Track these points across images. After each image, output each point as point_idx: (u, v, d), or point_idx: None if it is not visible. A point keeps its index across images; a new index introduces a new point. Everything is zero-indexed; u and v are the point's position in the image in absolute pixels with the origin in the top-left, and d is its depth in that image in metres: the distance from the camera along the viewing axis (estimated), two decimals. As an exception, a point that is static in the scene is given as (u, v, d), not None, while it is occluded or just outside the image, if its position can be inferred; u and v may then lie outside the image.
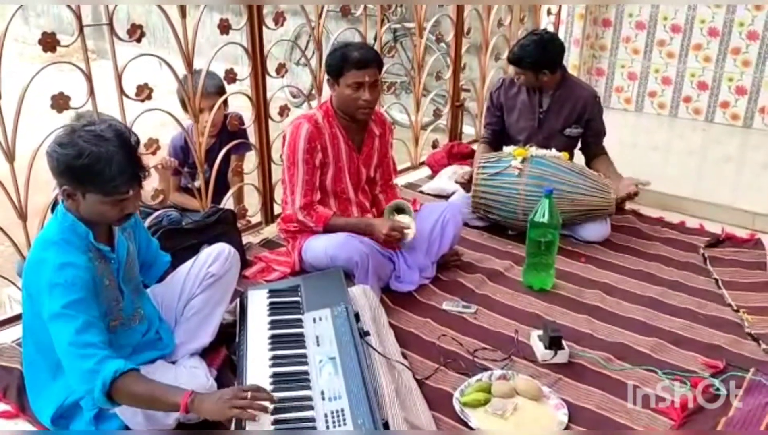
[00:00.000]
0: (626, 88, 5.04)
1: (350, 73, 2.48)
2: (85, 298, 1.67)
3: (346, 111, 2.60)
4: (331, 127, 2.62)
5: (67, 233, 1.73)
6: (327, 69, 2.57)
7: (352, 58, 2.48)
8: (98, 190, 1.66)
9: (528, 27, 4.55)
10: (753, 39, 4.47)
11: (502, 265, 2.89)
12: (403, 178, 3.89)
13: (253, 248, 2.97)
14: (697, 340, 2.37)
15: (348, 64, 2.48)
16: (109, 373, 1.60)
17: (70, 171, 1.64)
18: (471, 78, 4.27)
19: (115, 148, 1.64)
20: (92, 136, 1.65)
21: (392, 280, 2.66)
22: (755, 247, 3.10)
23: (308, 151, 2.56)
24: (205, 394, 1.68)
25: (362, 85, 2.51)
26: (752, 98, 4.58)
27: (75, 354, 1.63)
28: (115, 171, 1.63)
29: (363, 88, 2.51)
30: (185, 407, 1.60)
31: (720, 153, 4.42)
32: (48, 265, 1.68)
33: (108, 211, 1.71)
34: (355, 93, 2.51)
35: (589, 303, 2.62)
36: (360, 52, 2.53)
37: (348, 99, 2.54)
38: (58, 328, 1.65)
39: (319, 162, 2.60)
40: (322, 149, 2.60)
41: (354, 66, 2.48)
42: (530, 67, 3.14)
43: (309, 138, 2.55)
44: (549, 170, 3.03)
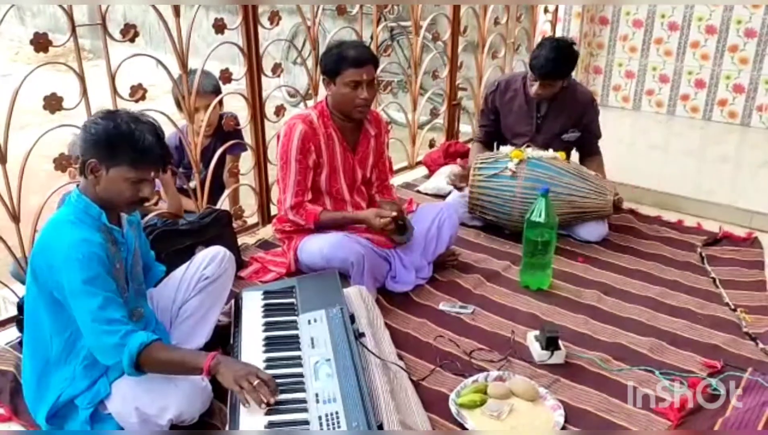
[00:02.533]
0: (624, 87, 5.03)
1: (348, 71, 2.47)
2: (102, 274, 1.71)
3: (343, 110, 2.59)
4: (326, 127, 2.61)
5: (81, 214, 1.77)
6: (323, 69, 2.55)
7: (349, 56, 2.47)
8: (126, 161, 1.72)
9: (525, 26, 4.55)
10: (751, 36, 4.46)
11: (500, 266, 2.88)
12: (400, 178, 3.88)
13: (250, 249, 2.96)
14: (695, 340, 2.36)
15: (345, 63, 2.47)
16: (135, 346, 1.68)
17: (106, 139, 1.71)
18: (468, 76, 4.25)
19: (149, 129, 1.75)
20: (130, 117, 1.75)
21: (388, 280, 2.64)
22: (753, 245, 3.09)
23: (301, 152, 2.54)
24: (228, 359, 1.79)
25: (360, 84, 2.50)
26: (750, 96, 4.57)
27: (100, 330, 1.69)
28: (147, 146, 1.72)
29: (360, 87, 2.50)
30: (208, 370, 1.71)
31: (718, 151, 4.41)
32: (64, 241, 1.71)
33: (126, 190, 1.75)
34: (352, 92, 2.50)
35: (586, 303, 2.61)
36: (356, 50, 2.52)
37: (345, 98, 2.52)
38: (80, 305, 1.69)
39: (312, 163, 2.59)
40: (317, 150, 2.58)
41: (351, 65, 2.47)
42: (560, 78, 3.12)
43: (303, 138, 2.54)
44: (546, 172, 3.01)
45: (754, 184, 3.78)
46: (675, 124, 4.81)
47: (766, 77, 4.48)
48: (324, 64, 2.54)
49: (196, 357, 1.76)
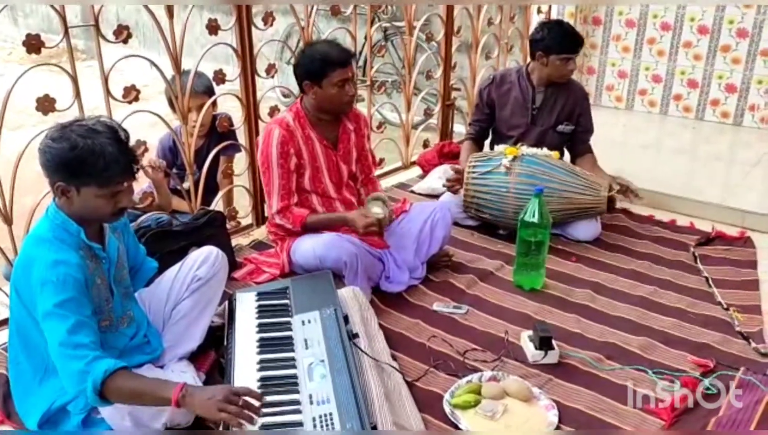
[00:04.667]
0: (617, 86, 5.05)
1: (335, 72, 2.50)
2: (76, 297, 1.67)
3: (332, 109, 2.61)
4: (303, 128, 2.62)
5: (59, 231, 1.73)
6: (305, 74, 2.55)
7: (334, 58, 2.50)
8: (93, 181, 1.67)
9: (519, 26, 4.55)
10: (742, 37, 4.48)
11: (493, 265, 2.89)
12: (394, 178, 3.89)
13: (244, 250, 2.96)
14: (687, 339, 2.38)
15: (331, 65, 2.49)
16: (99, 374, 1.61)
17: (65, 165, 1.65)
18: (462, 76, 4.26)
19: (107, 139, 1.67)
20: (84, 129, 1.67)
21: (382, 280, 2.65)
22: (745, 245, 3.11)
23: (282, 156, 2.56)
24: (197, 388, 1.68)
25: (347, 81, 2.53)
26: (742, 96, 4.59)
27: (66, 355, 1.64)
28: (110, 161, 1.66)
29: (348, 84, 2.54)
30: (176, 402, 1.60)
31: (710, 151, 4.43)
32: (40, 262, 1.68)
33: (102, 206, 1.72)
34: (341, 90, 2.53)
35: (579, 302, 2.62)
36: (337, 49, 2.56)
37: (335, 97, 2.55)
38: (50, 328, 1.65)
39: (294, 165, 2.60)
40: (296, 152, 2.59)
41: (338, 65, 2.50)
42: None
43: (281, 142, 2.55)
44: (540, 168, 3.02)
45: (747, 183, 3.80)
46: (668, 124, 4.83)
47: (758, 77, 4.50)
48: (306, 70, 2.54)
49: (163, 387, 1.64)
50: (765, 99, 4.51)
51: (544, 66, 3.21)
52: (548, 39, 3.15)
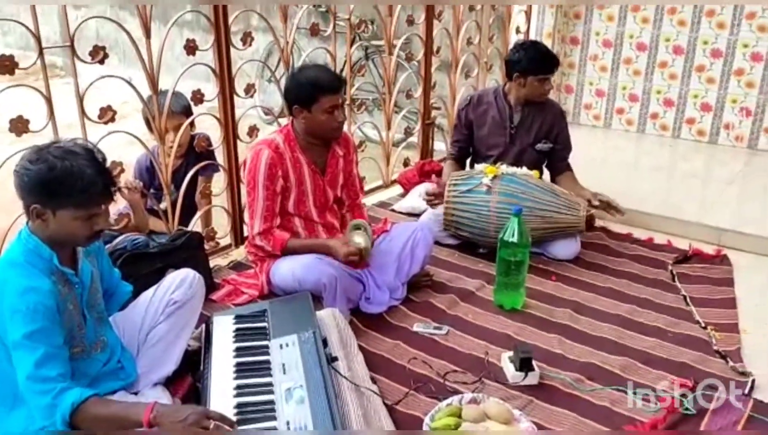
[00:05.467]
0: (595, 105, 5.11)
1: (325, 98, 2.49)
2: (47, 327, 1.65)
3: (321, 135, 2.61)
4: (292, 151, 2.60)
5: (31, 256, 1.70)
6: (295, 99, 2.54)
7: (324, 84, 2.50)
8: (71, 203, 1.66)
9: (498, 45, 4.59)
10: (716, 57, 4.56)
11: (474, 285, 2.89)
12: (374, 197, 3.88)
13: (222, 271, 2.93)
14: (666, 359, 2.38)
15: (321, 91, 2.49)
16: (66, 407, 1.59)
17: (42, 186, 1.64)
18: (442, 95, 4.28)
19: (85, 161, 1.66)
20: (61, 151, 1.66)
21: (362, 301, 2.63)
22: (722, 263, 3.13)
23: (269, 178, 2.54)
24: (169, 409, 1.67)
25: (336, 108, 2.53)
26: (717, 114, 4.66)
27: (33, 389, 1.63)
28: (88, 183, 1.65)
29: (338, 110, 2.54)
30: (148, 423, 1.60)
31: (687, 169, 4.49)
32: (10, 288, 1.65)
33: (79, 228, 1.70)
34: (330, 116, 2.53)
35: (560, 322, 2.62)
36: (328, 75, 2.56)
37: (324, 123, 2.54)
38: (19, 359, 1.64)
39: (280, 187, 2.58)
40: (284, 175, 2.58)
41: (328, 91, 2.50)
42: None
43: (270, 164, 2.53)
44: (520, 187, 3.04)
45: (723, 201, 3.84)
46: (645, 142, 4.89)
47: (732, 96, 4.58)
48: (295, 95, 2.53)
49: (134, 410, 1.65)
50: (739, 118, 4.58)
51: (521, 86, 3.24)
52: (525, 60, 3.19)
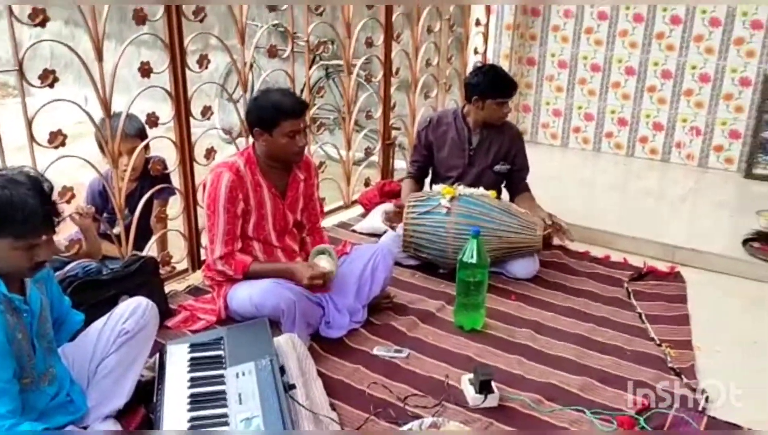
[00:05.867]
0: (552, 124, 5.20)
1: (287, 122, 2.48)
2: None
3: (282, 158, 2.59)
4: (253, 174, 2.58)
5: None
6: (257, 121, 2.52)
7: (286, 108, 2.49)
8: (10, 233, 1.61)
9: (456, 66, 4.65)
10: (667, 78, 4.70)
11: (435, 306, 2.89)
12: (335, 218, 3.87)
13: (178, 296, 2.87)
14: (623, 377, 2.40)
15: (283, 115, 2.48)
16: None
17: None
18: (402, 114, 4.30)
19: (27, 191, 1.62)
20: (4, 180, 1.62)
21: (322, 326, 2.60)
22: (676, 280, 3.20)
23: (229, 201, 2.51)
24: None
25: (298, 132, 2.52)
26: (669, 133, 4.79)
27: None
28: (29, 213, 1.60)
29: (299, 135, 2.53)
30: None
31: (641, 187, 4.59)
32: None
33: (19, 259, 1.65)
34: (291, 141, 2.52)
35: (519, 342, 2.63)
36: (290, 100, 2.55)
37: (285, 147, 2.53)
38: None
39: (240, 211, 2.55)
40: (244, 198, 2.55)
41: (290, 115, 2.49)
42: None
43: (230, 187, 2.50)
44: (477, 208, 3.06)
45: (676, 218, 3.94)
46: (601, 160, 4.99)
47: (682, 116, 4.72)
48: (257, 118, 2.51)
49: None
50: (690, 137, 4.72)
51: (480, 109, 3.29)
52: (483, 84, 3.24)
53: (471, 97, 3.30)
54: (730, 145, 4.62)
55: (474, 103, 3.29)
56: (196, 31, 2.85)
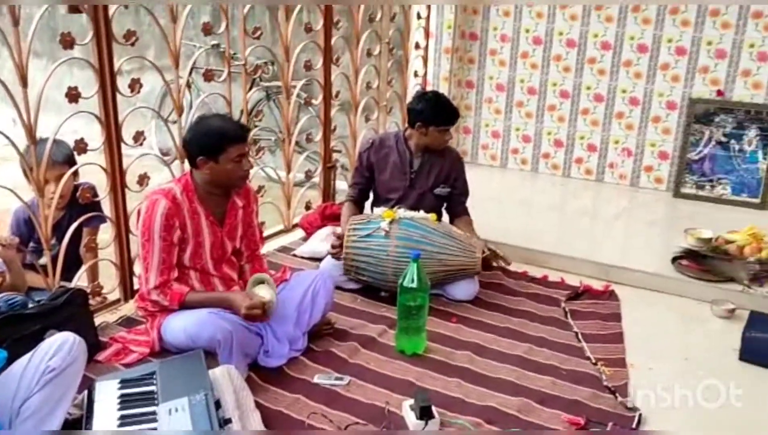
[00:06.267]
0: (491, 146, 5.30)
1: (233, 148, 2.46)
2: None
3: (227, 184, 2.57)
4: (190, 202, 2.53)
5: None
6: (200, 150, 2.47)
7: (231, 133, 2.48)
8: None
9: (397, 89, 4.69)
10: (599, 101, 4.86)
11: (376, 331, 2.87)
12: (276, 242, 3.82)
13: (110, 328, 2.77)
14: (560, 397, 2.44)
15: (228, 140, 2.46)
16: None
17: None
18: (343, 136, 4.30)
19: None
20: None
21: (261, 355, 2.55)
22: (610, 298, 3.28)
23: (165, 229, 2.45)
24: None
25: (243, 156, 2.51)
26: (602, 154, 4.95)
27: None
28: None
29: (245, 159, 2.52)
30: None
31: (577, 206, 4.72)
32: None
33: None
34: (237, 165, 2.50)
35: (460, 365, 2.64)
36: (233, 125, 2.56)
37: (231, 172, 2.50)
38: None
39: (177, 239, 2.49)
40: (181, 226, 2.49)
41: (236, 140, 2.47)
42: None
43: (166, 215, 2.44)
44: (417, 232, 3.08)
45: (610, 237, 4.06)
46: (539, 181, 5.10)
47: (614, 138, 4.88)
48: (200, 146, 2.47)
49: None
50: (622, 157, 4.88)
51: (423, 135, 3.33)
52: (428, 112, 3.29)
53: (414, 123, 3.34)
54: (660, 165, 4.80)
55: (418, 129, 3.33)
56: (127, 56, 2.78)
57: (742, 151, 4.52)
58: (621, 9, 4.63)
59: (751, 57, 4.39)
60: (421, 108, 3.31)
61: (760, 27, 4.31)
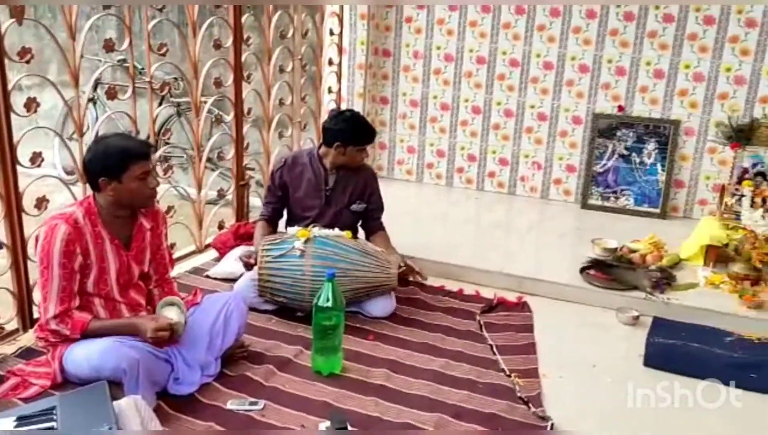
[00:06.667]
0: (407, 161, 5.36)
1: (137, 165, 2.38)
2: None
3: (133, 204, 2.48)
4: (93, 226, 2.41)
5: None
6: (102, 170, 2.37)
7: (133, 151, 2.40)
8: None
9: (311, 105, 4.67)
10: (509, 116, 5.01)
11: (292, 352, 2.83)
12: (187, 263, 3.70)
13: (8, 361, 2.60)
14: (476, 411, 2.47)
15: (132, 158, 2.38)
16: None
17: None
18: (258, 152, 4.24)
19: None
20: None
21: (171, 383, 2.46)
22: (523, 309, 3.36)
23: (65, 255, 2.32)
24: None
25: (148, 173, 2.43)
26: (513, 168, 5.10)
27: None
28: None
29: (150, 176, 2.44)
30: None
31: (491, 219, 4.83)
32: None
33: None
34: (142, 183, 2.42)
35: (377, 383, 2.63)
36: (134, 142, 2.49)
37: (137, 191, 2.42)
38: None
39: (79, 265, 2.37)
40: (83, 251, 2.37)
41: (139, 158, 2.40)
42: None
43: (67, 240, 2.32)
44: (332, 250, 3.06)
45: (523, 249, 4.17)
46: (454, 195, 5.19)
47: (524, 152, 5.04)
48: (102, 166, 2.37)
49: None
50: (532, 171, 5.05)
51: (341, 154, 3.34)
52: (347, 132, 3.30)
53: (332, 143, 3.33)
54: (568, 178, 4.99)
55: (336, 148, 3.32)
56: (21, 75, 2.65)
57: (643, 164, 4.77)
58: (527, 27, 4.81)
59: (648, 74, 4.65)
60: (340, 128, 3.31)
61: (655, 45, 4.58)
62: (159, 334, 2.36)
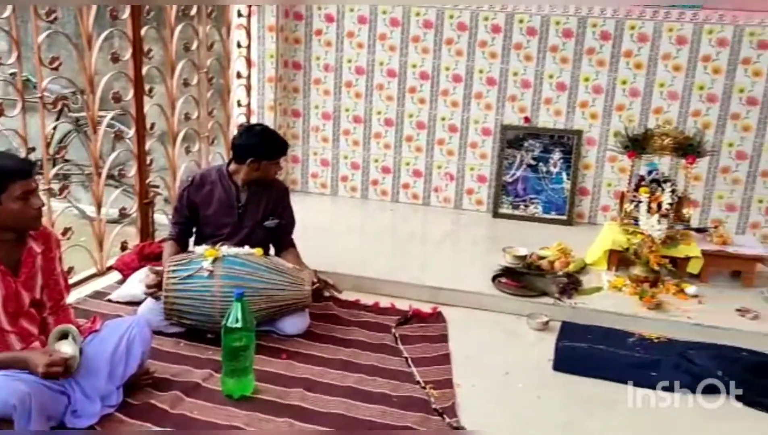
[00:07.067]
0: (321, 174, 5.32)
1: (15, 185, 2.23)
2: None
3: (17, 226, 2.31)
4: None
5: None
6: None
7: (12, 169, 2.25)
8: None
9: (219, 119, 4.55)
10: (421, 128, 5.07)
11: (201, 376, 2.71)
12: (88, 287, 3.50)
13: None
14: (391, 425, 2.45)
15: (9, 177, 2.22)
16: None
17: None
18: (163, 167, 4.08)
19: None
20: None
21: (68, 416, 2.30)
22: (438, 320, 3.38)
23: None
24: None
25: (31, 193, 2.27)
26: (427, 179, 5.16)
27: None
28: None
29: (33, 196, 2.28)
30: None
31: (406, 231, 4.86)
32: None
33: None
34: (26, 204, 2.26)
35: (290, 403, 2.57)
36: (13, 160, 2.34)
37: (19, 213, 2.26)
38: None
39: None
40: None
41: (18, 176, 2.24)
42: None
43: None
44: (243, 269, 2.97)
45: (437, 260, 4.19)
46: (369, 207, 5.19)
47: (437, 163, 5.11)
48: None
49: None
50: (445, 181, 5.12)
51: (255, 170, 3.26)
52: (260, 147, 3.23)
53: (245, 159, 3.24)
54: (479, 188, 5.09)
55: (249, 164, 3.24)
56: None
57: (549, 173, 4.93)
58: (435, 41, 4.88)
59: (551, 87, 4.82)
60: (251, 143, 3.24)
61: (557, 59, 4.75)
62: (51, 370, 2.20)
